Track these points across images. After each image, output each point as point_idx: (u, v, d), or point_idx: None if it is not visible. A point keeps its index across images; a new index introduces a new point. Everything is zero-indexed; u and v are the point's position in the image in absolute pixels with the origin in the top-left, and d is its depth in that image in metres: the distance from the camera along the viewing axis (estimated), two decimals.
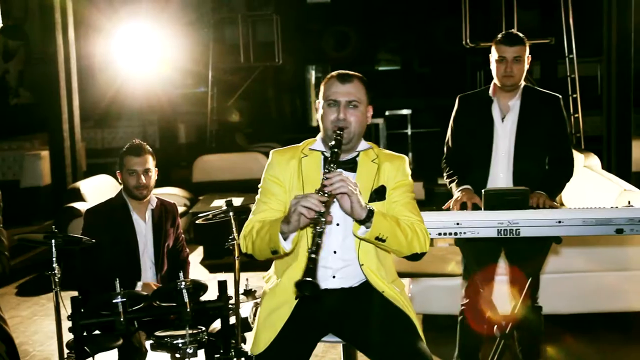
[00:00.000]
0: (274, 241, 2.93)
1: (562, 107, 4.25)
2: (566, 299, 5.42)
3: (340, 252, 3.16)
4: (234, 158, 11.28)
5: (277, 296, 3.16)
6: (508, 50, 4.12)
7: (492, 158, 4.19)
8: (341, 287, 3.19)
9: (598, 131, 10.56)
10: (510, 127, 4.19)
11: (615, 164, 8.75)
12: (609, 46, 8.91)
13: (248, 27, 13.45)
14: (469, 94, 4.40)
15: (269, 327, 3.10)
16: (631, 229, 3.61)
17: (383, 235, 2.98)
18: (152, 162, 4.41)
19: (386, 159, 3.26)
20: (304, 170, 3.17)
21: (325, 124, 3.17)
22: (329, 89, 3.18)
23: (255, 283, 4.52)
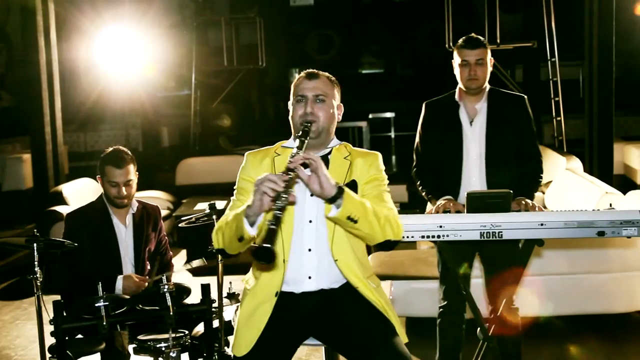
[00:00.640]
0: (240, 227, 2.91)
1: (527, 107, 4.29)
2: (548, 301, 5.44)
3: (314, 249, 3.16)
4: (218, 161, 11.26)
5: (257, 296, 3.15)
6: (470, 54, 4.16)
7: (464, 162, 4.21)
8: (319, 289, 3.18)
9: (580, 134, 10.63)
10: (479, 130, 4.22)
11: (597, 167, 8.81)
12: (591, 49, 8.97)
13: (232, 30, 13.43)
14: (435, 100, 4.42)
15: (251, 327, 3.09)
16: (612, 231, 3.64)
17: (355, 216, 2.96)
18: (134, 170, 4.38)
19: (359, 156, 3.27)
20: (277, 167, 3.19)
21: (294, 120, 3.22)
22: (297, 87, 3.27)
23: (238, 286, 4.50)
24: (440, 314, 4.32)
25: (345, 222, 2.99)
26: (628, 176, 10.59)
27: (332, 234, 3.13)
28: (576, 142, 10.78)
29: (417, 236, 3.72)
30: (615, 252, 5.39)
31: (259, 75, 17.72)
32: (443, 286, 4.30)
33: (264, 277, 3.16)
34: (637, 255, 5.32)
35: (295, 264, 3.15)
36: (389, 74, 21.08)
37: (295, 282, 3.17)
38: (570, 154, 8.65)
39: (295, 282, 3.17)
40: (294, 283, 3.17)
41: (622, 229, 3.63)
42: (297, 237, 3.14)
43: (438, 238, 3.71)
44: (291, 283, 3.17)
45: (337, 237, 3.14)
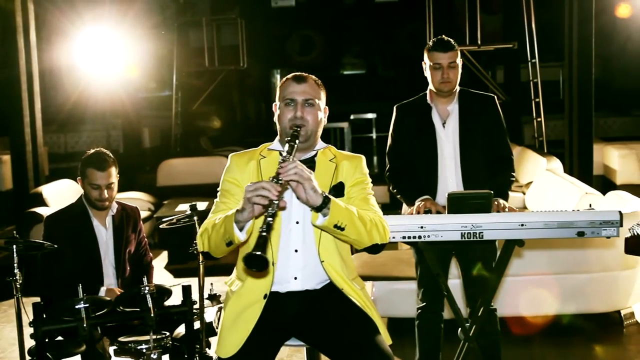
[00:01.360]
0: (229, 232, 2.91)
1: (498, 107, 4.31)
2: (528, 301, 5.47)
3: (301, 250, 3.16)
4: (199, 162, 11.24)
5: (243, 298, 3.14)
6: (443, 57, 4.15)
7: (439, 164, 4.23)
8: (303, 290, 3.19)
9: (560, 135, 10.70)
10: (452, 131, 4.23)
11: (577, 168, 8.87)
12: (570, 51, 9.03)
13: (213, 31, 13.41)
14: (407, 102, 4.41)
15: (238, 329, 3.08)
16: (592, 231, 3.66)
17: (341, 223, 2.98)
18: (115, 172, 4.36)
19: (344, 158, 3.29)
20: (263, 170, 3.19)
21: (282, 123, 3.20)
22: (285, 90, 3.23)
23: (219, 288, 4.50)
24: (419, 315, 4.33)
25: (332, 230, 3.00)
26: (607, 177, 10.67)
27: (319, 235, 3.14)
28: (556, 143, 10.86)
29: (398, 237, 3.72)
30: (595, 253, 5.42)
31: (240, 76, 17.70)
32: (421, 287, 4.31)
33: (251, 279, 3.16)
34: (616, 256, 5.35)
35: (282, 264, 3.15)
36: (370, 75, 21.12)
37: (281, 282, 3.17)
38: (551, 155, 8.72)
39: (281, 282, 3.17)
40: (280, 283, 3.17)
41: (601, 229, 3.65)
42: (284, 238, 3.15)
43: (419, 239, 3.72)
44: (277, 283, 3.16)
45: (324, 238, 3.14)
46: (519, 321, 5.51)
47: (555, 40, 11.05)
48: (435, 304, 4.26)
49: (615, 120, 15.19)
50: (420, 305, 4.31)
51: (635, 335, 5.48)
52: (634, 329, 5.58)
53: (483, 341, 4.16)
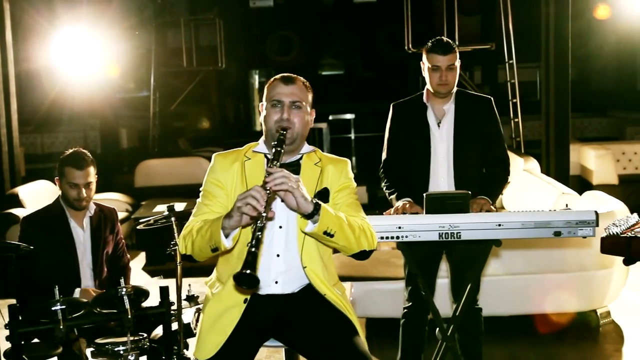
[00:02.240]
0: (215, 238, 2.90)
1: (494, 109, 4.31)
2: (506, 300, 5.49)
3: (283, 255, 3.15)
4: (177, 163, 11.19)
5: (223, 301, 3.13)
6: (442, 59, 4.13)
7: (432, 163, 4.23)
8: (283, 294, 3.18)
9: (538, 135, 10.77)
10: (446, 131, 4.24)
11: (554, 168, 8.92)
12: (547, 52, 9.08)
13: (191, 31, 13.37)
14: (403, 101, 4.42)
15: (217, 331, 3.07)
16: (568, 231, 3.68)
17: (331, 230, 2.97)
18: (94, 172, 4.33)
19: (329, 163, 3.26)
20: (247, 173, 3.16)
21: (268, 124, 3.17)
22: (272, 90, 3.19)
23: (197, 289, 4.49)
24: (405, 314, 4.33)
25: (322, 237, 2.99)
26: (584, 177, 10.74)
27: (302, 241, 3.12)
28: (533, 143, 10.91)
29: (376, 237, 3.72)
30: (572, 252, 5.46)
31: (218, 76, 17.67)
32: (409, 287, 4.32)
33: (231, 282, 3.10)
34: (592, 255, 5.38)
35: (264, 268, 3.13)
36: (349, 76, 21.16)
37: (261, 285, 3.14)
38: (528, 155, 8.75)
39: (262, 285, 3.14)
40: (261, 287, 3.15)
41: (577, 229, 3.68)
42: (266, 242, 3.11)
43: (397, 239, 3.73)
44: None
45: (307, 244, 3.13)
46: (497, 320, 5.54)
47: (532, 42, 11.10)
48: (421, 305, 4.25)
49: (592, 121, 15.29)
50: (407, 305, 4.32)
51: (611, 334, 5.52)
52: (610, 328, 5.63)
53: (465, 340, 4.18)
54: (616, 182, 10.17)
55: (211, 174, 3.22)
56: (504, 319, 5.58)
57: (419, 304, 4.24)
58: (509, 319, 5.60)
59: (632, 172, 10.59)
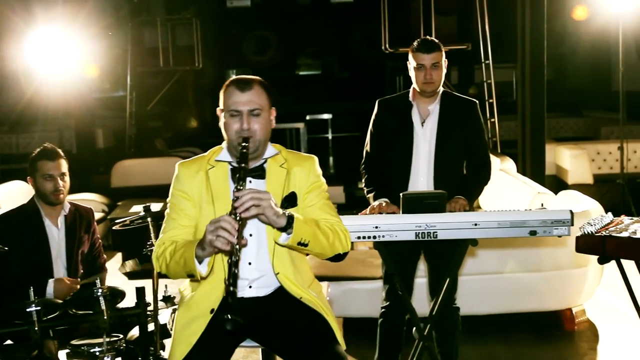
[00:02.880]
0: (189, 266, 2.88)
1: (479, 112, 4.34)
2: (482, 300, 5.52)
3: (255, 262, 3.13)
4: (154, 163, 11.15)
5: (191, 309, 3.11)
6: (426, 58, 4.15)
7: (413, 162, 4.25)
8: (258, 296, 3.16)
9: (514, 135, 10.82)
10: (430, 131, 4.25)
11: (530, 168, 8.97)
12: (523, 52, 9.14)
13: (167, 31, 13.32)
14: (389, 98, 4.44)
15: (184, 340, 3.05)
16: (544, 230, 3.70)
17: (305, 240, 2.96)
18: (66, 165, 4.33)
19: (295, 163, 3.21)
20: (212, 182, 3.12)
21: (229, 134, 3.09)
22: (229, 99, 3.09)
23: (174, 289, 4.46)
24: (382, 314, 4.34)
25: (296, 247, 2.99)
26: (559, 176, 10.81)
27: (273, 248, 3.10)
28: (510, 143, 10.97)
29: (353, 237, 3.72)
30: (547, 251, 5.49)
31: (195, 76, 17.60)
32: (386, 286, 4.33)
33: (200, 291, 3.11)
34: (568, 254, 5.42)
35: None
36: (326, 76, 21.14)
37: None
38: (504, 155, 8.79)
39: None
40: None
41: (553, 228, 3.70)
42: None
43: (374, 239, 3.74)
44: None
45: (278, 250, 3.11)
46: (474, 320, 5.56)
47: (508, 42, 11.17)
48: (399, 304, 4.26)
49: (567, 121, 15.39)
50: (384, 304, 4.33)
51: (586, 333, 5.57)
52: (585, 326, 5.67)
53: (442, 339, 4.19)
54: (591, 182, 10.25)
55: (176, 184, 3.17)
56: (480, 318, 5.61)
57: (397, 304, 4.25)
58: (486, 318, 5.63)
59: (606, 171, 10.68)
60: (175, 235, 3.08)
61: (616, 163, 10.31)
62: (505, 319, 5.68)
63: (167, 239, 3.08)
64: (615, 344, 5.37)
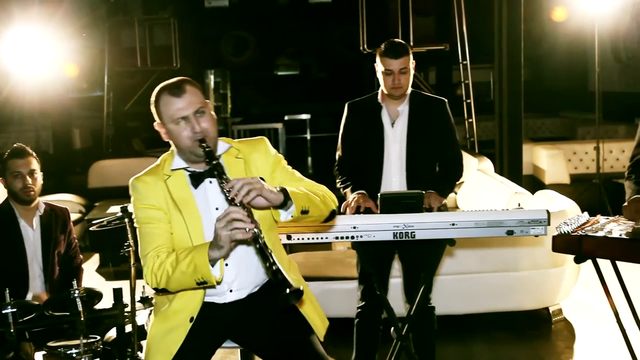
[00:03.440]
0: (202, 271, 2.78)
1: (448, 110, 4.35)
2: (460, 299, 5.54)
3: (232, 263, 3.07)
4: (131, 163, 11.07)
5: (169, 320, 3.06)
6: (394, 63, 4.14)
7: (385, 163, 4.26)
8: (239, 299, 3.13)
9: (491, 135, 10.88)
10: (400, 131, 4.26)
11: (507, 168, 9.02)
12: (500, 53, 9.19)
13: (145, 31, 13.27)
14: (358, 100, 4.44)
15: (163, 350, 3.02)
16: (521, 230, 3.73)
17: (305, 207, 2.92)
18: (37, 164, 4.32)
19: (250, 150, 3.15)
20: (172, 191, 3.03)
21: (182, 142, 2.97)
22: (168, 109, 2.99)
23: (151, 290, 4.44)
24: (358, 314, 4.35)
25: (300, 217, 2.93)
26: (536, 176, 10.87)
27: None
28: (487, 143, 11.03)
29: (331, 237, 3.74)
30: (524, 251, 5.52)
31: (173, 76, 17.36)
32: (362, 286, 4.33)
33: (177, 303, 3.06)
34: (545, 254, 5.46)
35: None
36: (304, 76, 21.16)
37: (217, 294, 3.10)
38: (482, 155, 8.83)
39: (218, 294, 3.10)
40: (216, 295, 3.10)
41: (530, 228, 3.72)
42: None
43: (352, 239, 3.74)
44: (213, 295, 3.09)
45: None
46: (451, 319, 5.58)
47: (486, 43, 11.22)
48: (375, 304, 4.27)
49: (544, 121, 15.49)
50: (360, 304, 4.34)
51: (563, 332, 5.60)
52: (562, 325, 5.71)
53: (419, 339, 4.21)
54: (568, 182, 10.32)
55: (139, 199, 3.04)
56: (458, 317, 5.64)
57: (372, 303, 4.27)
58: (464, 317, 5.66)
59: (583, 171, 10.76)
60: (162, 244, 2.97)
61: (592, 163, 10.38)
62: (483, 318, 5.71)
63: (158, 251, 2.95)
64: (591, 343, 5.41)
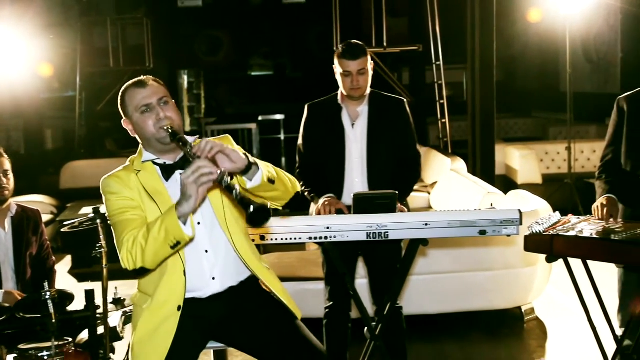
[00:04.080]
0: (174, 232, 2.77)
1: (407, 110, 4.37)
2: (433, 299, 5.57)
3: (211, 249, 3.10)
4: (104, 164, 11.00)
5: (157, 313, 3.04)
6: (352, 65, 4.17)
7: (346, 164, 4.27)
8: (225, 290, 3.13)
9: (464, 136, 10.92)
10: (360, 132, 4.28)
11: (480, 168, 9.06)
12: (473, 54, 9.23)
13: (118, 31, 13.19)
14: (318, 102, 4.46)
15: (156, 347, 3.00)
16: (493, 230, 3.74)
17: (272, 176, 2.94)
18: (8, 164, 4.29)
19: None
20: (144, 183, 3.05)
21: (147, 131, 3.04)
22: (133, 100, 3.07)
23: (124, 291, 4.42)
24: (327, 314, 4.36)
25: (266, 186, 2.92)
26: (509, 176, 10.95)
27: (227, 226, 3.08)
28: (461, 144, 11.08)
29: (304, 237, 3.74)
30: (497, 251, 5.56)
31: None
32: (329, 287, 4.34)
33: (160, 294, 3.04)
34: (517, 253, 5.49)
35: (196, 269, 3.07)
36: (278, 76, 21.14)
37: (200, 287, 3.10)
38: (455, 155, 8.88)
39: (200, 287, 3.10)
40: (199, 289, 3.10)
41: (502, 227, 3.74)
42: (190, 243, 2.99)
43: (326, 239, 3.74)
44: (196, 290, 3.09)
45: (232, 226, 3.09)
46: (425, 319, 5.60)
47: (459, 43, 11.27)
48: (342, 304, 4.29)
49: (517, 122, 15.60)
50: (328, 304, 4.35)
51: (535, 330, 5.64)
52: (534, 324, 5.75)
53: (389, 339, 4.21)
54: (540, 182, 10.41)
55: (111, 194, 3.05)
56: (431, 317, 5.66)
57: (341, 303, 4.30)
58: (436, 317, 5.68)
59: (555, 171, 10.85)
60: (138, 227, 2.95)
61: (564, 163, 10.48)
62: (456, 317, 5.74)
63: (133, 230, 2.94)
64: (563, 341, 5.45)
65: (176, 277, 3.02)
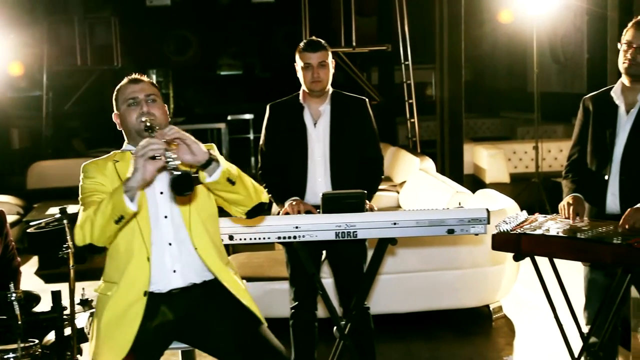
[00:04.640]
0: (119, 206, 2.80)
1: (369, 109, 4.39)
2: (401, 298, 5.59)
3: (174, 242, 3.13)
4: (71, 164, 10.90)
5: (123, 297, 3.06)
6: (312, 57, 4.19)
7: (309, 163, 4.28)
8: (187, 285, 3.15)
9: (433, 135, 10.99)
10: (322, 131, 4.29)
11: (449, 167, 9.12)
12: (441, 54, 9.28)
13: (85, 30, 13.09)
14: (280, 102, 4.46)
15: (123, 331, 3.01)
16: (461, 229, 3.76)
17: (232, 177, 2.96)
18: None
19: None
20: (120, 172, 3.12)
21: (130, 124, 3.17)
22: (123, 93, 3.22)
23: (91, 292, 4.38)
24: (293, 314, 4.36)
25: (224, 184, 2.96)
26: (477, 175, 11.03)
27: (189, 224, 3.12)
28: (429, 143, 11.14)
29: (273, 237, 3.74)
30: (465, 250, 5.59)
31: (114, 76, 17.28)
32: (293, 287, 4.35)
33: (126, 279, 3.06)
34: (485, 252, 5.53)
35: (159, 260, 3.10)
36: (247, 76, 21.09)
37: (161, 279, 3.11)
38: (424, 155, 8.92)
39: (162, 279, 3.12)
40: (160, 281, 3.11)
41: (470, 226, 3.76)
42: (156, 233, 3.09)
43: (294, 239, 3.74)
44: (157, 282, 3.11)
45: (195, 226, 3.13)
46: (393, 318, 5.62)
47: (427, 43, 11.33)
48: (308, 303, 4.30)
49: (485, 121, 15.72)
50: (294, 304, 4.35)
51: (503, 328, 5.68)
52: (502, 322, 5.79)
53: (357, 339, 4.22)
54: (508, 181, 10.50)
55: (87, 178, 3.15)
56: (399, 316, 5.68)
57: (306, 303, 4.30)
58: (405, 315, 5.70)
59: (522, 170, 10.96)
60: None
61: (531, 162, 10.57)
62: (425, 316, 5.77)
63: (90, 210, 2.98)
64: (530, 338, 5.50)
65: (142, 262, 3.05)
